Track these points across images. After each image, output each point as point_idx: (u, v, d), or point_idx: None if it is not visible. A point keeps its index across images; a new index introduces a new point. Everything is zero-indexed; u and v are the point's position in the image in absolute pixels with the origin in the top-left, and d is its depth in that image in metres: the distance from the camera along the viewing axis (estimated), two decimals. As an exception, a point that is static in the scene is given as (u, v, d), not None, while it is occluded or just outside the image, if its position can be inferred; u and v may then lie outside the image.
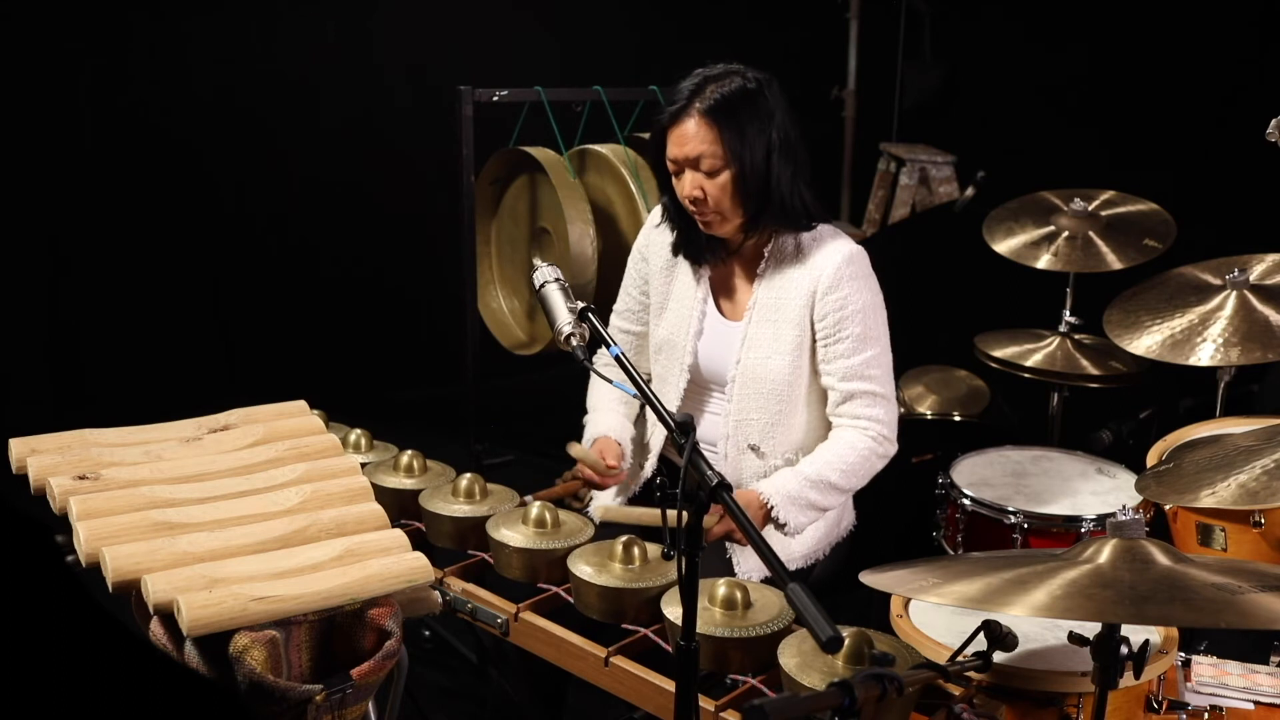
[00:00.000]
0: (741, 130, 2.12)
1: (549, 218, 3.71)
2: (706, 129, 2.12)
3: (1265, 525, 2.14)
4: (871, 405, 2.22)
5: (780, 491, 2.16)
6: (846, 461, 2.20)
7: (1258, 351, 2.52)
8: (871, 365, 2.21)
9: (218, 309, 4.57)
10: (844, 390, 2.22)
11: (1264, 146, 2.53)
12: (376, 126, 4.71)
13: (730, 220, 2.19)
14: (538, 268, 1.91)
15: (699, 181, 2.15)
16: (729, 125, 2.12)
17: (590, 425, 2.41)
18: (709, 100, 2.13)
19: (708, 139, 2.12)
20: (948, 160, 4.91)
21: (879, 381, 2.22)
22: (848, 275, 2.19)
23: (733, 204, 2.17)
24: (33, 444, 1.87)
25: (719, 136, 2.12)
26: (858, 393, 2.21)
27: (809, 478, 2.18)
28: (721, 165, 2.13)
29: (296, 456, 1.93)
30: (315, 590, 1.63)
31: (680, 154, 2.16)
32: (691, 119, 2.13)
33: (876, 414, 2.22)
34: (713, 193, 2.15)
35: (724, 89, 2.14)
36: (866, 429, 2.22)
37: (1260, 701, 1.88)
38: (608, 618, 1.92)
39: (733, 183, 2.14)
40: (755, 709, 1.24)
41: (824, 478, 2.19)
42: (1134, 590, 1.44)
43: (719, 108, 2.12)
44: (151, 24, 4.22)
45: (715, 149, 2.12)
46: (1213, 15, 4.07)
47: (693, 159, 2.14)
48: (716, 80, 2.15)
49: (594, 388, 2.48)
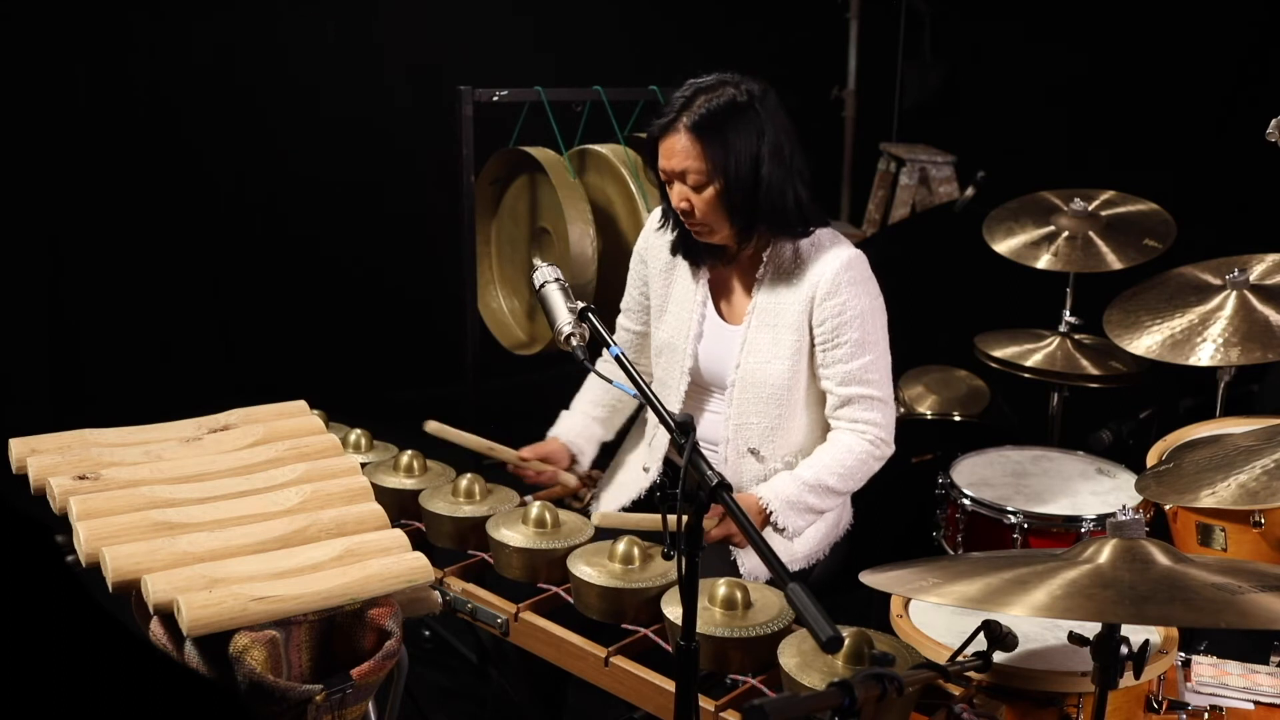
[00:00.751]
0: (726, 144, 2.12)
1: (549, 218, 3.71)
2: (691, 144, 2.13)
3: (1265, 525, 2.14)
4: (869, 409, 2.22)
5: (779, 496, 2.17)
6: (844, 465, 2.21)
7: (1258, 351, 2.52)
8: (869, 370, 2.21)
9: (218, 309, 4.57)
10: (842, 395, 2.22)
11: (1264, 146, 2.53)
12: (376, 126, 4.70)
13: (719, 231, 2.21)
14: (538, 268, 1.91)
15: (685, 194, 2.17)
16: (713, 140, 2.12)
17: (555, 424, 2.49)
18: (695, 115, 2.13)
19: (692, 154, 2.13)
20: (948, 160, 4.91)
21: (877, 386, 2.23)
22: (846, 280, 2.19)
23: (719, 216, 2.17)
24: (33, 444, 1.87)
25: (703, 152, 2.12)
26: (856, 397, 2.22)
27: (807, 482, 2.19)
28: (705, 180, 2.14)
29: (296, 456, 1.93)
30: (315, 590, 1.63)
31: (667, 167, 2.17)
32: (678, 134, 2.14)
33: (874, 418, 2.23)
34: (699, 206, 2.16)
35: (712, 103, 2.13)
36: (864, 433, 2.23)
37: (1260, 701, 1.88)
38: (608, 618, 1.92)
39: (717, 196, 2.15)
40: (755, 709, 1.24)
41: (822, 481, 2.20)
42: (1134, 590, 1.44)
43: (704, 123, 2.12)
44: (151, 24, 4.21)
45: (699, 164, 2.13)
46: (1213, 15, 4.07)
47: (679, 172, 2.15)
48: (707, 92, 2.15)
49: (582, 387, 2.51)
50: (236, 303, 4.59)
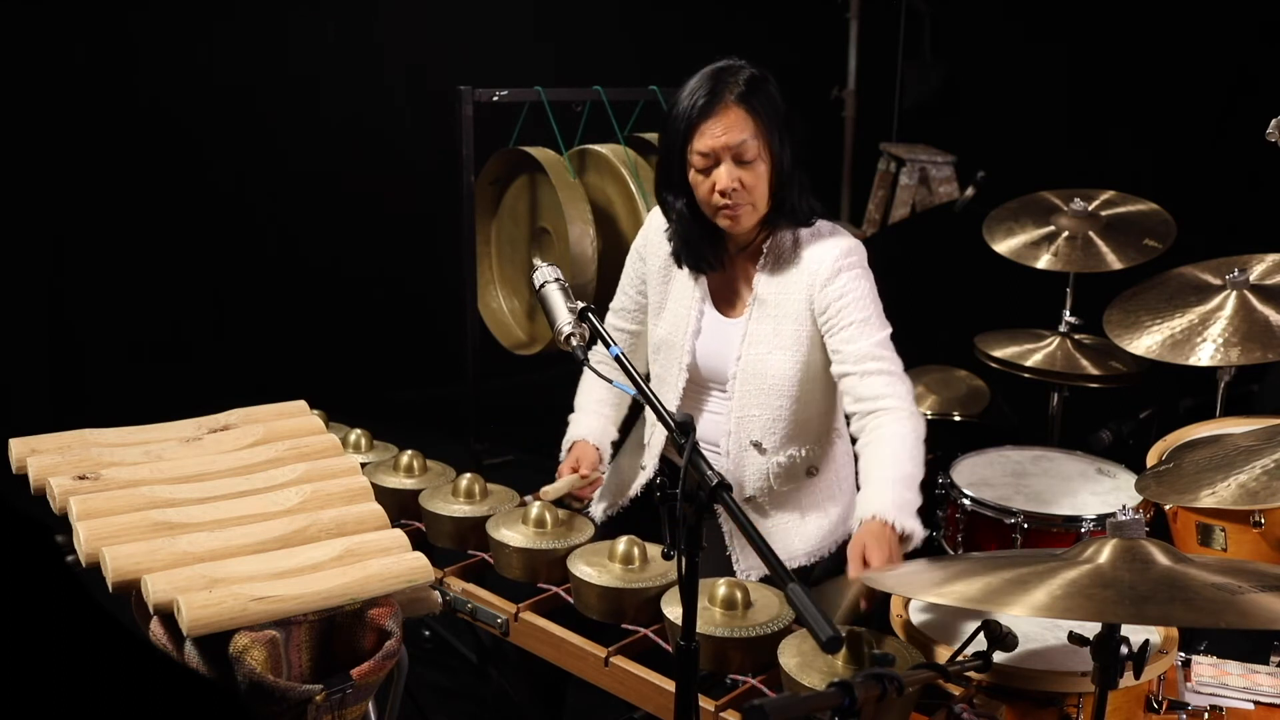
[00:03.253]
0: (771, 114, 2.12)
1: (549, 218, 3.71)
2: (746, 116, 2.10)
3: (1265, 525, 2.14)
4: (892, 383, 2.14)
5: (890, 506, 2.00)
6: (908, 447, 2.08)
7: (1258, 351, 2.52)
8: (881, 346, 2.16)
9: (218, 308, 4.57)
10: (861, 371, 2.14)
11: (1264, 146, 2.53)
12: (376, 126, 4.71)
13: (759, 211, 2.17)
14: (538, 268, 1.91)
15: (736, 173, 2.12)
16: (764, 112, 2.11)
17: (571, 427, 2.43)
18: (739, 88, 2.10)
19: (748, 127, 2.10)
20: (948, 160, 4.91)
21: (890, 360, 2.16)
22: (845, 265, 2.18)
23: (763, 193, 2.15)
24: (33, 444, 1.87)
25: (758, 122, 2.10)
26: (876, 372, 2.14)
27: (896, 479, 2.04)
28: (759, 151, 2.12)
29: (296, 456, 1.93)
30: (315, 590, 1.63)
31: (719, 144, 2.10)
32: (727, 107, 2.10)
33: (900, 390, 2.14)
34: (750, 182, 2.12)
35: (742, 76, 2.12)
36: (897, 410, 2.12)
37: (1260, 701, 1.87)
38: (608, 618, 1.92)
39: (770, 170, 2.14)
40: (755, 709, 1.24)
41: (907, 473, 2.05)
42: (1134, 590, 1.44)
43: (748, 94, 2.10)
44: (151, 25, 4.22)
45: (756, 136, 2.10)
46: (1213, 15, 4.07)
47: (733, 147, 2.10)
48: (730, 72, 2.13)
49: (582, 387, 2.48)
50: (236, 302, 4.60)
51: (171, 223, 4.38)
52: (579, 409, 2.46)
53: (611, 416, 2.46)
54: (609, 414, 2.45)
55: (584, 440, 2.37)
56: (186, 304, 4.47)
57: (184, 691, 1.00)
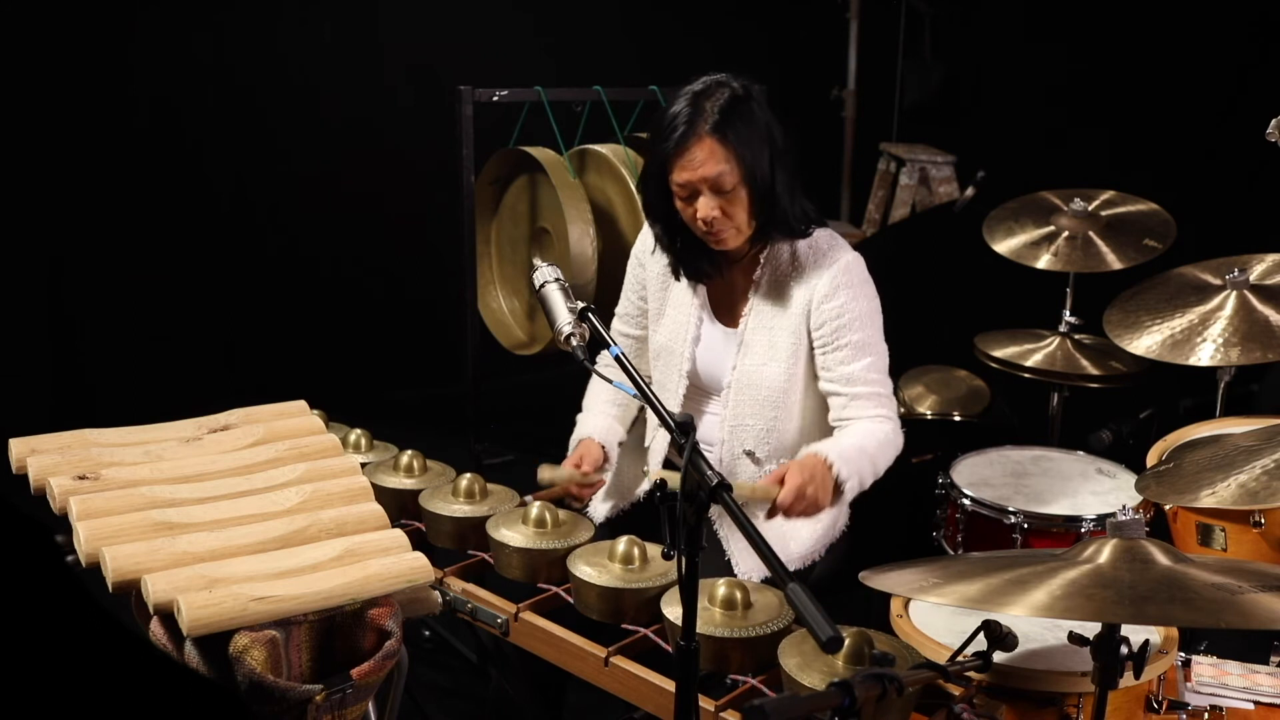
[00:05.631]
0: (747, 139, 2.10)
1: (549, 218, 3.71)
2: (719, 147, 2.09)
3: (1265, 525, 2.14)
4: (877, 405, 2.21)
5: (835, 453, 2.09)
6: (875, 439, 2.16)
7: (1258, 351, 2.52)
8: (872, 370, 2.21)
9: (218, 308, 4.57)
10: (848, 394, 2.21)
11: (1264, 146, 2.53)
12: (377, 126, 4.71)
13: (744, 233, 2.18)
14: (538, 268, 1.91)
15: (716, 203, 2.12)
16: (737, 137, 2.09)
17: (578, 426, 2.42)
18: (713, 118, 2.09)
19: (722, 157, 2.09)
20: (948, 160, 4.92)
21: (880, 384, 2.22)
22: (844, 283, 2.18)
23: (748, 217, 2.15)
24: (33, 444, 1.86)
25: (732, 153, 2.09)
26: (862, 395, 2.20)
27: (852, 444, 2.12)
28: (737, 180, 2.10)
29: (296, 456, 1.93)
30: (315, 590, 1.63)
31: (695, 177, 2.10)
32: (701, 140, 2.09)
33: (883, 411, 2.21)
34: (730, 210, 2.13)
35: (720, 103, 2.10)
36: (880, 419, 2.20)
37: (1260, 701, 1.87)
38: (607, 618, 1.92)
39: (749, 196, 2.13)
40: (755, 709, 1.24)
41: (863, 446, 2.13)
42: (1134, 590, 1.44)
43: (723, 123, 2.09)
44: (151, 25, 4.22)
45: (731, 166, 2.09)
46: (1213, 15, 4.07)
47: (710, 179, 2.10)
48: (708, 95, 2.12)
49: (590, 388, 2.48)
50: (236, 302, 4.60)
51: (171, 222, 4.38)
52: (586, 409, 2.45)
53: (619, 416, 2.45)
54: (616, 414, 2.45)
55: (590, 438, 2.36)
56: (187, 304, 4.47)
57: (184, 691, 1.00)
